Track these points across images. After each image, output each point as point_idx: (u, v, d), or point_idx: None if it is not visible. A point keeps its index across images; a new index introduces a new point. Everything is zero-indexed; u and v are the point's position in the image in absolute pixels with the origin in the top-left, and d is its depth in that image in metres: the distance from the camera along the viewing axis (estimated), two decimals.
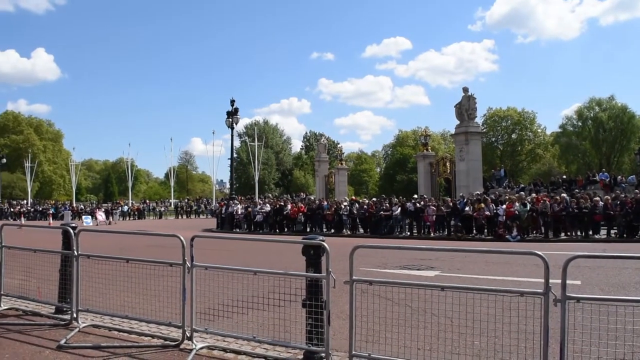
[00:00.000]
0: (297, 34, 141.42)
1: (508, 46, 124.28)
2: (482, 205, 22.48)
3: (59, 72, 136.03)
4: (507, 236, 21.09)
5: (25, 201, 63.81)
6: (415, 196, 28.14)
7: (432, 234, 23.94)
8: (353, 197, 34.79)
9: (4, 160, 63.35)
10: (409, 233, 24.69)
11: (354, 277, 4.69)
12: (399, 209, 24.71)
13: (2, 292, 7.50)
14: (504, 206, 21.95)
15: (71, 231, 6.70)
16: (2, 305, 7.46)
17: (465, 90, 31.21)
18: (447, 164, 34.64)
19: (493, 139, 76.73)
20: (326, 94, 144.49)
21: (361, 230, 26.16)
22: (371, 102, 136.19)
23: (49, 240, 8.18)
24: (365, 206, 26.32)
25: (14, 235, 9.19)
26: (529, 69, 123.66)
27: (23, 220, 42.59)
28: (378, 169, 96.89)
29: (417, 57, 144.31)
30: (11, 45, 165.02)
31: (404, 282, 5.11)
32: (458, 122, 31.30)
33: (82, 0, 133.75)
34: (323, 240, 4.91)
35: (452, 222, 23.76)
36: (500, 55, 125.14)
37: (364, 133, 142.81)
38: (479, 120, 36.61)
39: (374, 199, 29.11)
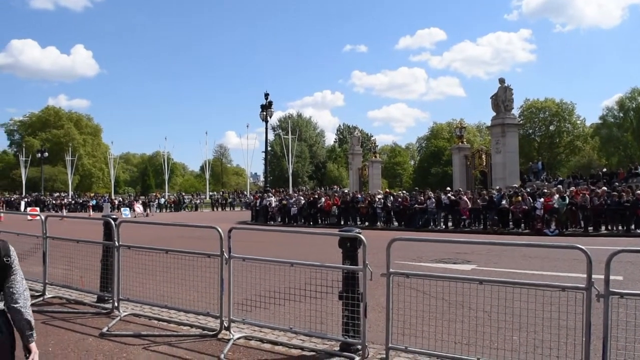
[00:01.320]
0: (330, 26, 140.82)
1: (546, 35, 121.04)
2: (519, 198, 22.05)
3: (97, 68, 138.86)
4: (545, 230, 20.67)
5: (66, 193, 65.61)
6: (448, 189, 27.81)
7: (467, 227, 23.63)
8: (387, 190, 34.59)
9: (46, 154, 65.16)
10: (444, 226, 24.43)
11: (391, 270, 4.67)
12: (434, 202, 24.47)
13: (47, 281, 7.74)
14: (542, 200, 21.50)
15: (112, 223, 6.87)
16: (47, 293, 7.71)
17: (502, 81, 30.63)
18: (483, 156, 34.07)
19: (530, 131, 75.05)
20: (359, 87, 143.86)
21: (395, 224, 26.00)
22: (405, 94, 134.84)
23: (89, 231, 8.41)
24: (399, 199, 26.15)
25: (57, 226, 9.46)
26: (567, 58, 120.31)
27: (65, 212, 43.77)
28: (412, 162, 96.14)
29: (452, 48, 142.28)
30: (51, 42, 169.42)
31: (442, 276, 5.07)
32: (494, 113, 30.74)
33: None
34: (360, 233, 4.90)
35: (488, 216, 23.41)
36: (537, 45, 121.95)
37: (398, 125, 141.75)
38: (515, 111, 35.96)
39: (405, 192, 28.87)
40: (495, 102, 30.49)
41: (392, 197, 26.83)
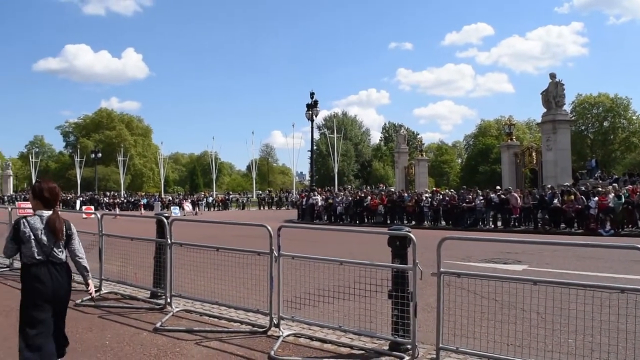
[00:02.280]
0: (374, 24, 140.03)
1: (599, 28, 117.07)
2: (572, 197, 21.40)
3: (147, 71, 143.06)
4: (599, 230, 20.00)
5: (118, 193, 67.68)
6: (498, 187, 27.23)
7: (517, 227, 23.08)
8: (435, 189, 34.17)
9: (100, 155, 67.33)
10: (492, 226, 23.94)
11: (441, 269, 4.62)
12: (483, 200, 24.02)
13: (102, 277, 8.01)
14: (596, 198, 20.79)
15: (165, 221, 7.05)
16: (103, 289, 7.98)
17: (553, 76, 29.76)
18: (533, 154, 33.23)
19: (583, 127, 72.64)
20: (405, 84, 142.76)
21: (443, 223, 25.67)
22: (452, 91, 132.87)
23: (142, 229, 8.61)
24: (447, 198, 25.79)
25: (111, 224, 9.78)
26: (622, 52, 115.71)
27: (117, 211, 45.16)
28: (459, 160, 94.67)
29: (500, 43, 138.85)
30: (104, 46, 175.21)
31: (496, 276, 4.97)
32: (545, 110, 29.92)
33: (166, 0, 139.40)
34: (409, 232, 4.87)
35: (539, 215, 22.81)
36: (590, 39, 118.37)
37: (445, 123, 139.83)
38: (567, 107, 34.84)
39: (453, 191, 28.43)
40: (545, 98, 29.68)
41: (439, 196, 26.49)
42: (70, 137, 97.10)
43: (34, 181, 76.08)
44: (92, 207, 41.45)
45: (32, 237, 4.30)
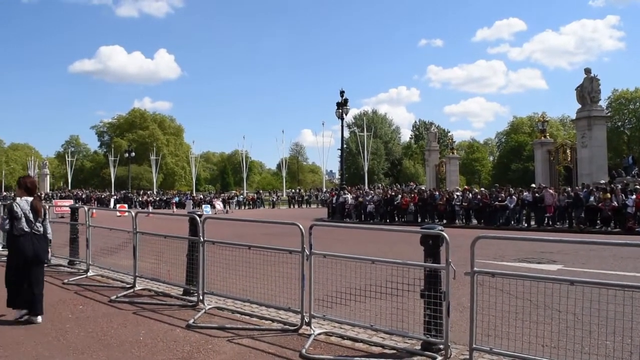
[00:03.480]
0: (404, 21, 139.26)
1: (636, 22, 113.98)
2: (609, 195, 20.87)
3: (179, 71, 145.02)
4: (637, 229, 19.45)
5: (151, 191, 68.81)
6: (533, 185, 26.74)
7: (551, 226, 22.63)
8: (466, 187, 33.77)
9: (133, 154, 68.55)
10: (526, 225, 23.52)
11: (475, 269, 4.55)
12: (515, 199, 23.62)
13: (137, 274, 8.15)
14: (634, 196, 20.23)
15: (198, 219, 7.14)
16: (137, 285, 8.12)
17: (588, 71, 29.05)
18: (568, 151, 32.51)
19: (619, 124, 70.87)
20: (435, 82, 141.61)
21: (474, 221, 25.34)
22: (483, 87, 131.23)
23: (173, 227, 8.76)
24: (479, 196, 25.44)
25: (144, 222, 9.94)
26: None
27: (150, 209, 45.91)
28: (491, 158, 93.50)
29: (533, 38, 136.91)
30: (137, 47, 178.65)
31: (531, 276, 4.87)
32: (579, 106, 29.24)
33: (197, 1, 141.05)
34: (442, 230, 4.82)
35: (574, 214, 22.32)
36: (626, 32, 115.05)
37: (476, 120, 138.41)
38: (602, 103, 33.94)
39: (485, 189, 28.02)
40: (580, 93, 29.00)
41: (471, 194, 26.15)
42: (105, 137, 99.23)
43: (69, 180, 78.30)
44: (126, 206, 42.30)
45: (23, 215, 6.26)
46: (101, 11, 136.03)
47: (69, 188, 75.71)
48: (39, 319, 6.22)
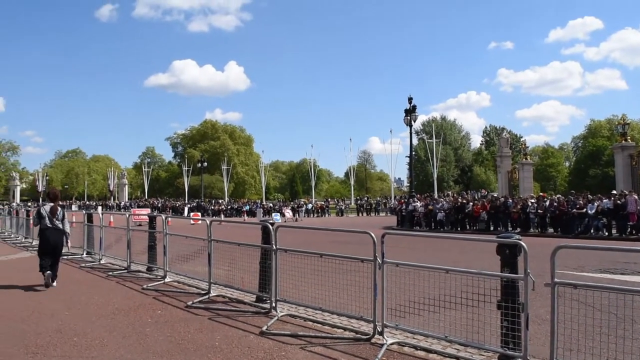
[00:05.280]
0: (472, 24, 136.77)
1: None
2: None
3: (248, 82, 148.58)
4: None
5: (223, 200, 70.69)
6: (614, 192, 25.37)
7: (635, 235, 21.34)
8: (541, 194, 32.53)
9: (205, 164, 70.75)
10: (607, 233, 22.32)
11: (556, 280, 4.37)
12: (595, 205, 22.47)
13: (212, 280, 8.38)
14: None
15: (270, 227, 7.26)
16: (212, 292, 8.35)
17: None
18: None
19: None
20: (507, 85, 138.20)
21: (550, 230, 24.33)
22: (558, 90, 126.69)
23: (245, 235, 8.92)
24: (555, 203, 24.40)
25: (217, 230, 10.20)
26: None
27: (222, 217, 47.14)
28: (567, 163, 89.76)
29: (610, 37, 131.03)
30: (208, 60, 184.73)
31: (615, 288, 4.61)
32: None
33: (264, 14, 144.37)
34: (519, 239, 4.66)
35: None
36: None
37: (550, 125, 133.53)
38: None
39: (561, 196, 26.83)
40: None
41: (546, 202, 25.14)
42: (179, 148, 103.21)
43: (146, 189, 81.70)
44: (199, 214, 43.64)
45: (46, 215, 9.45)
46: (174, 27, 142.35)
47: (146, 197, 79.09)
48: (55, 283, 9.39)
